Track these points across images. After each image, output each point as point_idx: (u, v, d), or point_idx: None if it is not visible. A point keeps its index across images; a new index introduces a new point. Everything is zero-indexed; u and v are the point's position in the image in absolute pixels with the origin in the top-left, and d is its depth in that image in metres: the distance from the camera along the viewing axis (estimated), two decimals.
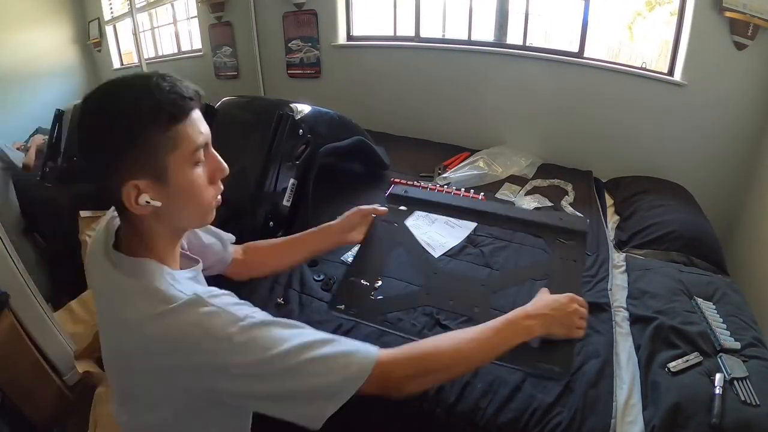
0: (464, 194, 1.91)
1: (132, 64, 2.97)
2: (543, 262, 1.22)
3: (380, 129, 2.62)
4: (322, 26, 2.84)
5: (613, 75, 2.24)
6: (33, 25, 3.12)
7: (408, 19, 2.71)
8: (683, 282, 1.39)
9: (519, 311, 0.86)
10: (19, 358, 1.52)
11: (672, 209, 1.84)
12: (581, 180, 2.21)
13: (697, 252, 1.63)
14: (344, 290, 1.26)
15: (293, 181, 1.53)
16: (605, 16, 2.38)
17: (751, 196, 2.12)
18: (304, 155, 1.55)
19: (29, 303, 1.58)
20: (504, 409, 1.03)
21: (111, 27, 3.77)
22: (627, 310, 1.37)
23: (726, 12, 1.89)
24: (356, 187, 2.01)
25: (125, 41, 3.12)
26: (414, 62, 2.66)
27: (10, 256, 1.52)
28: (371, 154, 2.06)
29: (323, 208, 1.77)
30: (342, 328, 1.23)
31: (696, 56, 2.04)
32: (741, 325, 1.22)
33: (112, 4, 3.75)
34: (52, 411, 1.60)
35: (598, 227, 1.79)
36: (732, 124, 2.10)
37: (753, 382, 1.03)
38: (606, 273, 1.51)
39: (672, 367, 1.08)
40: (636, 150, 2.30)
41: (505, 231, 1.69)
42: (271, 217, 1.45)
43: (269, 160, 1.45)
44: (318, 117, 1.68)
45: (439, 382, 0.93)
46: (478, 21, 2.58)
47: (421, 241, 1.51)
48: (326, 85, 2.98)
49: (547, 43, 2.57)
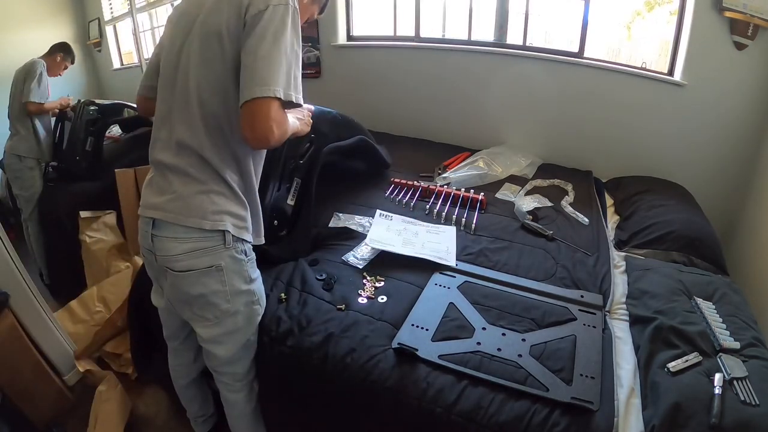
0: (464, 194, 1.92)
1: (132, 64, 2.98)
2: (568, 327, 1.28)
3: (380, 129, 2.62)
4: (322, 26, 2.83)
5: (613, 75, 2.24)
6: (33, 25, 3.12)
7: (408, 19, 2.71)
8: (683, 282, 1.39)
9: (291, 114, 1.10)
10: (19, 358, 1.52)
11: (672, 209, 1.84)
12: (581, 180, 2.21)
13: (697, 252, 1.63)
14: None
15: (297, 180, 1.54)
16: (605, 16, 2.38)
17: (751, 196, 2.12)
18: (307, 154, 1.56)
19: (29, 303, 1.58)
20: (505, 408, 1.04)
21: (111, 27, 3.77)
22: (627, 310, 1.37)
23: (726, 12, 1.90)
24: (358, 186, 2.02)
25: (125, 41, 3.12)
26: (414, 62, 2.66)
27: (10, 256, 1.53)
28: (373, 152, 2.07)
29: (326, 206, 1.78)
30: (342, 323, 1.24)
31: (696, 56, 2.05)
32: (741, 325, 1.22)
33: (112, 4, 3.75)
34: (52, 411, 1.61)
35: (598, 227, 1.80)
36: (732, 124, 2.10)
37: (752, 382, 1.03)
38: (606, 273, 1.51)
39: (672, 367, 1.08)
40: (636, 150, 2.30)
41: (506, 232, 1.72)
42: (275, 216, 1.45)
43: (274, 160, 1.45)
44: (321, 116, 1.69)
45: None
46: (478, 21, 2.58)
47: (429, 257, 1.51)
48: (326, 85, 2.98)
49: (547, 43, 2.58)
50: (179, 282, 1.03)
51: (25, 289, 1.56)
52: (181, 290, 1.04)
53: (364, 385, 1.13)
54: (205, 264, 1.00)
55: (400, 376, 1.12)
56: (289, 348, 1.22)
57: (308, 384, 1.22)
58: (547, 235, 1.69)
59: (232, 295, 1.06)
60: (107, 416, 1.53)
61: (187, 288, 1.03)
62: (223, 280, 1.03)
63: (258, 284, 1.15)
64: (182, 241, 0.99)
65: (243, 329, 1.15)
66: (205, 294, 1.03)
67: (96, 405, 1.56)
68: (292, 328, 1.25)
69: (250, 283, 1.11)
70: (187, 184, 0.98)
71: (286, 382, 1.25)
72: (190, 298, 1.05)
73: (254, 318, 1.17)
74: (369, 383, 1.12)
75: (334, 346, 1.19)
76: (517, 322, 1.27)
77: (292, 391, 1.26)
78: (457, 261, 1.53)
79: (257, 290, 1.14)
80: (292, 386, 1.25)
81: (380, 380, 1.12)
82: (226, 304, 1.07)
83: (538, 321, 1.28)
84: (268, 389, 1.32)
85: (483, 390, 1.07)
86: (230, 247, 1.02)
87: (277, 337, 1.24)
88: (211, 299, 1.05)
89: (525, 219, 1.79)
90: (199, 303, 1.05)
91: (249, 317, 1.15)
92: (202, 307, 1.06)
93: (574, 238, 1.70)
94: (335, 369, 1.16)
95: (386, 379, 1.12)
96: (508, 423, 1.01)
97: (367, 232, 1.63)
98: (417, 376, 1.11)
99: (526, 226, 1.75)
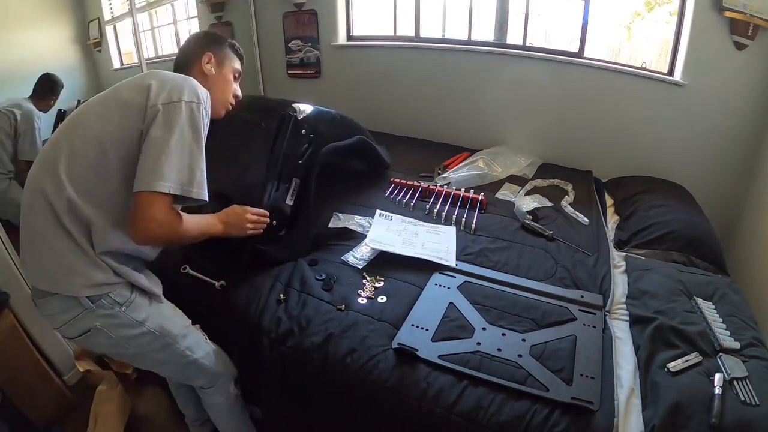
0: (464, 194, 1.91)
1: (132, 64, 2.97)
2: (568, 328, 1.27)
3: (380, 129, 2.62)
4: (322, 26, 2.84)
5: (613, 75, 2.24)
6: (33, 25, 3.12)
7: (408, 19, 2.71)
8: (683, 282, 1.39)
9: (214, 216, 1.16)
10: (19, 358, 1.52)
11: (672, 209, 1.84)
12: (581, 180, 2.21)
13: (697, 252, 1.63)
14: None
15: (296, 180, 1.54)
16: (605, 16, 2.38)
17: (751, 196, 2.12)
18: (306, 154, 1.56)
19: (29, 303, 1.58)
20: (505, 408, 1.04)
21: (111, 27, 3.76)
22: (627, 310, 1.37)
23: (726, 12, 1.90)
24: (357, 186, 2.02)
25: (125, 41, 3.12)
26: (414, 62, 2.66)
27: (10, 256, 1.53)
28: (373, 152, 2.07)
29: (325, 206, 1.78)
30: (342, 324, 1.24)
31: (696, 56, 2.05)
32: (741, 325, 1.22)
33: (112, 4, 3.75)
34: (52, 411, 1.61)
35: (598, 227, 1.80)
36: (732, 124, 2.10)
37: (752, 382, 1.03)
38: (606, 273, 1.51)
39: (672, 367, 1.08)
40: (636, 150, 2.30)
41: (506, 232, 1.72)
42: (274, 216, 1.45)
43: (272, 160, 1.45)
44: (320, 116, 1.69)
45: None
46: (478, 21, 2.58)
47: (428, 257, 1.51)
48: (326, 85, 2.98)
49: (547, 43, 2.57)
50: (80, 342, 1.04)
51: (25, 289, 1.56)
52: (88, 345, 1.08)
53: (364, 386, 1.13)
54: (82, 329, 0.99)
55: (400, 376, 1.12)
56: (289, 348, 1.22)
57: (308, 384, 1.21)
58: (547, 235, 1.69)
59: (127, 342, 1.03)
60: (107, 416, 1.53)
61: (88, 346, 1.06)
62: (109, 335, 1.00)
63: (153, 320, 1.05)
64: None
65: (165, 361, 1.12)
66: (105, 346, 1.05)
67: (96, 405, 1.55)
68: (292, 329, 1.25)
69: (141, 326, 1.03)
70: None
71: (286, 382, 1.25)
72: (99, 350, 1.09)
73: (171, 348, 1.10)
74: (369, 383, 1.12)
75: (334, 347, 1.19)
76: (517, 322, 1.27)
77: (292, 391, 1.26)
78: (457, 261, 1.53)
79: (154, 327, 1.05)
80: (292, 386, 1.25)
81: (380, 380, 1.12)
82: (132, 349, 1.05)
83: (538, 321, 1.28)
84: (268, 389, 1.32)
85: (483, 390, 1.07)
86: (97, 307, 0.97)
87: (277, 337, 1.25)
88: (113, 351, 1.07)
89: (525, 219, 1.79)
90: (109, 353, 1.09)
91: (163, 348, 1.09)
92: (115, 354, 1.09)
93: (574, 238, 1.70)
94: (335, 369, 1.16)
95: (386, 380, 1.12)
96: (508, 423, 1.01)
97: (366, 232, 1.63)
98: (417, 376, 1.11)
99: (526, 226, 1.75)
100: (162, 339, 1.07)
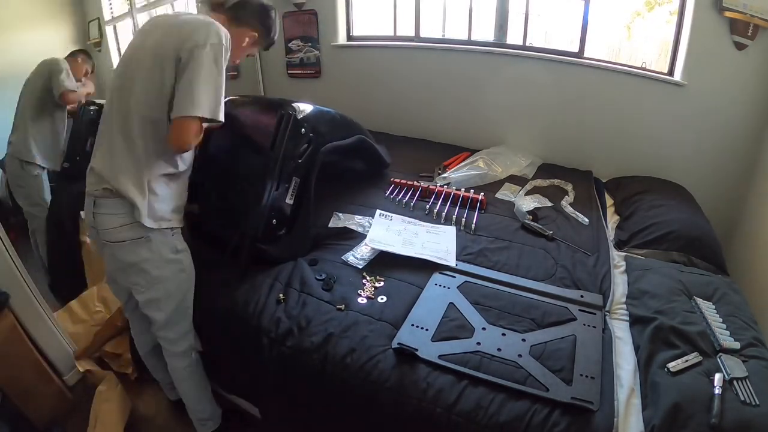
0: (464, 194, 1.92)
1: None
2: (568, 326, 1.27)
3: (380, 129, 2.62)
4: (322, 26, 2.84)
5: (613, 75, 2.24)
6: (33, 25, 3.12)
7: (408, 19, 2.71)
8: (683, 282, 1.39)
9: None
10: (19, 358, 1.52)
11: (672, 209, 1.84)
12: (581, 180, 2.21)
13: (697, 252, 1.63)
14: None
15: (296, 179, 1.54)
16: (605, 16, 2.38)
17: (751, 196, 2.12)
18: (306, 154, 1.56)
19: (29, 303, 1.58)
20: (505, 408, 1.04)
21: (111, 27, 3.77)
22: (627, 310, 1.37)
23: (726, 12, 1.90)
24: (358, 186, 2.02)
25: (125, 41, 3.12)
26: (414, 62, 2.66)
27: (10, 256, 1.53)
28: (372, 152, 2.07)
29: (325, 206, 1.78)
30: (342, 324, 1.24)
31: (696, 56, 2.04)
32: (741, 325, 1.22)
33: (112, 4, 3.75)
34: (52, 411, 1.61)
35: (598, 227, 1.80)
36: (732, 124, 2.10)
37: (752, 382, 1.03)
38: (606, 273, 1.51)
39: (672, 367, 1.08)
40: (636, 150, 2.30)
41: (506, 232, 1.72)
42: (274, 215, 1.45)
43: (272, 159, 1.45)
44: (320, 116, 1.69)
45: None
46: (478, 21, 2.58)
47: (428, 257, 1.51)
48: (326, 85, 2.98)
49: (547, 43, 2.58)
50: (116, 252, 1.20)
51: (25, 289, 1.56)
52: (118, 259, 1.22)
53: (364, 386, 1.13)
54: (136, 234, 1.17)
55: (400, 376, 1.12)
56: (289, 348, 1.22)
57: (308, 384, 1.21)
58: (547, 235, 1.69)
59: (159, 262, 1.22)
60: (107, 416, 1.53)
61: (120, 254, 1.20)
62: (151, 249, 1.20)
63: (185, 255, 1.30)
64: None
65: (173, 295, 1.28)
66: (137, 262, 1.20)
67: (96, 405, 1.56)
68: (291, 329, 1.25)
69: (178, 254, 1.27)
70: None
71: (286, 382, 1.25)
72: (124, 266, 1.22)
73: (183, 285, 1.30)
74: (369, 383, 1.12)
75: (334, 347, 1.19)
76: (517, 322, 1.27)
77: (292, 391, 1.26)
78: (457, 261, 1.53)
79: (184, 260, 1.30)
80: (292, 386, 1.25)
81: (380, 380, 1.12)
82: (156, 272, 1.22)
83: (538, 321, 1.28)
84: (268, 389, 1.32)
85: (483, 390, 1.07)
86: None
87: (276, 337, 1.25)
88: (140, 266, 1.21)
89: (525, 219, 1.79)
90: (131, 271, 1.22)
91: (178, 284, 1.28)
92: (135, 272, 1.22)
93: (574, 238, 1.69)
94: (335, 369, 1.16)
95: (386, 380, 1.12)
96: (508, 423, 1.01)
97: (366, 232, 1.63)
98: (417, 376, 1.11)
99: (526, 226, 1.75)
100: (183, 274, 1.29)
